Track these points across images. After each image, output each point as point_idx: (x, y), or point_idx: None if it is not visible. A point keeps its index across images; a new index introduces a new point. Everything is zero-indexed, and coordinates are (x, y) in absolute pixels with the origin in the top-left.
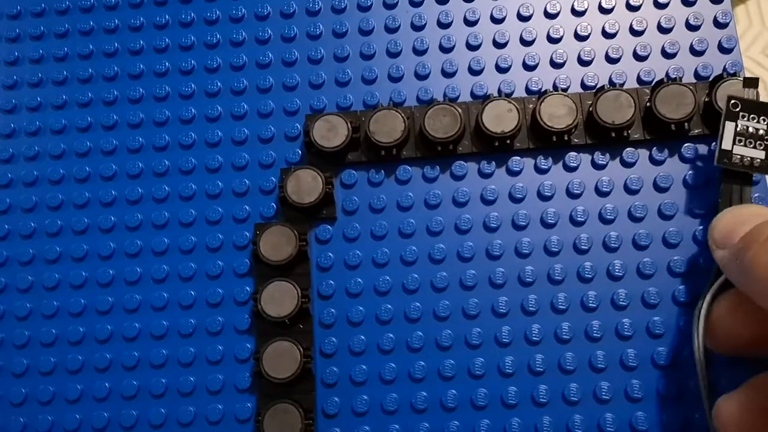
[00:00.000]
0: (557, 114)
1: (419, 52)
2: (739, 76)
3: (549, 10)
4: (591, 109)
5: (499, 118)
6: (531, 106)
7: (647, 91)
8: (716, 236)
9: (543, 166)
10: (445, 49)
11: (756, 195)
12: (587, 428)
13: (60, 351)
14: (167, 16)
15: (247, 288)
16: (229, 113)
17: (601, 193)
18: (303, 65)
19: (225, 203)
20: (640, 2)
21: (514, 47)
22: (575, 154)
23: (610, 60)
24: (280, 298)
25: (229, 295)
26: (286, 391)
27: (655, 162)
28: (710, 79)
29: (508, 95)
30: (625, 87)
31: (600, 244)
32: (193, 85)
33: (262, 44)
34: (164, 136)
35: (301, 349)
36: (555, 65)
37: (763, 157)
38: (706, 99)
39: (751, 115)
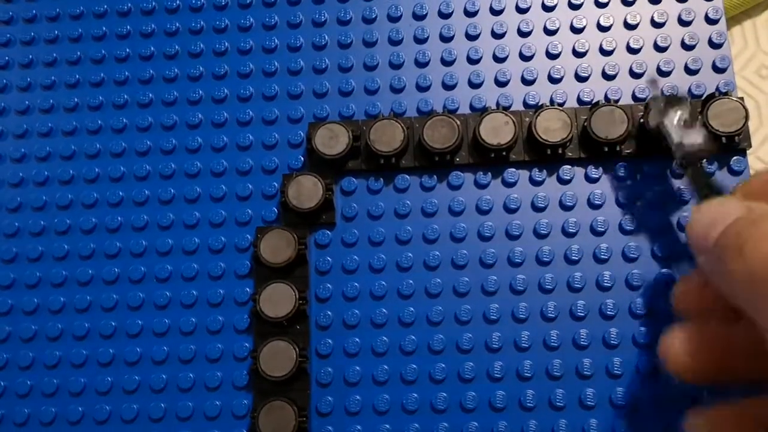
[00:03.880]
0: (552, 128)
1: (421, 65)
2: (731, 95)
3: (548, 27)
4: (586, 123)
5: (496, 131)
6: (527, 119)
7: (641, 107)
8: (694, 242)
9: (537, 178)
10: (447, 62)
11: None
12: None
13: (65, 345)
14: (177, 24)
15: (248, 289)
16: (234, 119)
17: (593, 205)
18: (308, 74)
19: (228, 206)
20: (638, 21)
21: (514, 62)
22: (569, 167)
23: (607, 76)
24: (278, 300)
25: (229, 295)
26: (281, 389)
27: (646, 177)
28: (703, 98)
29: (506, 108)
30: (620, 103)
31: (590, 256)
32: (200, 91)
33: (268, 53)
34: (171, 140)
35: (297, 349)
36: (553, 80)
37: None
38: (699, 117)
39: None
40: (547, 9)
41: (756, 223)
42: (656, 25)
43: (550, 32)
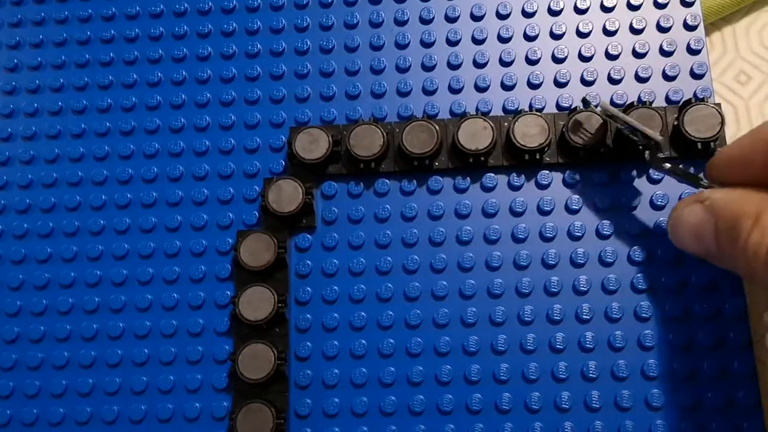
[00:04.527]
0: (530, 133)
1: (402, 70)
2: (708, 102)
3: (528, 33)
4: (563, 129)
5: (475, 136)
6: (506, 124)
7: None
8: (692, 249)
9: (516, 183)
10: (427, 68)
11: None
12: None
13: (46, 347)
14: (161, 28)
15: (228, 292)
16: (217, 124)
17: (570, 210)
18: (290, 79)
19: (210, 210)
20: (616, 27)
21: (493, 67)
22: (547, 172)
23: (585, 82)
24: (257, 303)
25: (210, 298)
26: (260, 392)
27: (623, 183)
28: (680, 104)
29: (485, 114)
30: (598, 109)
31: (567, 260)
32: (183, 96)
33: (251, 58)
34: (154, 144)
35: (276, 352)
36: (532, 86)
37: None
38: (675, 123)
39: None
40: (527, 15)
41: None
42: (635, 31)
43: (529, 38)
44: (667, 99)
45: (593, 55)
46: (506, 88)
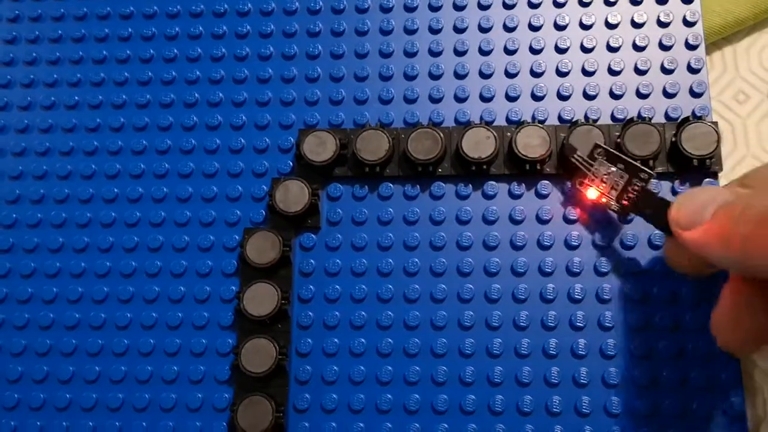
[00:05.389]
0: (532, 144)
1: (409, 78)
2: (705, 120)
3: (534, 46)
4: (564, 141)
5: (478, 145)
6: (509, 134)
7: (619, 128)
8: (682, 224)
9: (516, 192)
10: (434, 77)
11: None
12: None
13: (55, 335)
14: (177, 28)
15: (233, 287)
16: (228, 123)
17: (568, 220)
18: (300, 83)
19: (218, 207)
20: (620, 44)
21: (499, 79)
22: (547, 182)
23: (587, 96)
24: (261, 299)
25: (215, 292)
26: (261, 385)
27: None
28: (678, 121)
29: (489, 123)
30: (598, 123)
31: (563, 269)
32: (196, 95)
33: (263, 60)
34: (166, 141)
35: (277, 347)
36: (535, 98)
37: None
38: (673, 139)
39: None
40: (533, 29)
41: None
42: (637, 48)
43: (535, 51)
44: (666, 115)
45: (596, 70)
46: (510, 99)
